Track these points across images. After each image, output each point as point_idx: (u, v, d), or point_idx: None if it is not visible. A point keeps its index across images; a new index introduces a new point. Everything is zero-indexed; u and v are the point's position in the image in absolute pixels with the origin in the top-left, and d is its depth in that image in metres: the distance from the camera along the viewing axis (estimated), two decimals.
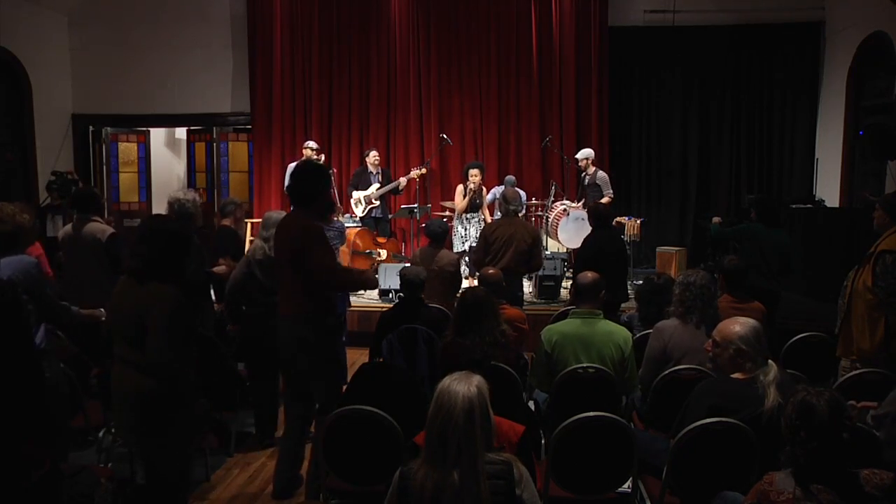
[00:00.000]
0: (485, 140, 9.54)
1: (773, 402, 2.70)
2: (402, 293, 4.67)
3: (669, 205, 9.51)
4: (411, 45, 9.51)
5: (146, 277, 2.84)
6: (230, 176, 10.30)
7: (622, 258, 5.77)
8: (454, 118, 9.51)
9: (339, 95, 9.66)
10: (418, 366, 4.10)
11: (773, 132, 9.30)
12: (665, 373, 3.51)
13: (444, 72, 9.49)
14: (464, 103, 9.50)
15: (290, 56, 9.68)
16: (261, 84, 9.73)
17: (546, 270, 7.19)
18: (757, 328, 2.91)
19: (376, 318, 4.72)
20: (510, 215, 5.82)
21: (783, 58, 9.11)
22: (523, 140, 9.47)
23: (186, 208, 4.58)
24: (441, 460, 2.06)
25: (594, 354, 3.61)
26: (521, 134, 9.48)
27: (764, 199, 5.78)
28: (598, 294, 3.79)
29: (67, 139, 9.92)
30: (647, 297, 4.40)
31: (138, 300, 2.82)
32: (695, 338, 3.60)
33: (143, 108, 9.96)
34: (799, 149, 9.20)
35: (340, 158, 9.72)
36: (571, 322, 3.75)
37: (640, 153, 9.56)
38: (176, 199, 4.58)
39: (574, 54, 9.25)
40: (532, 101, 9.38)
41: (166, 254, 2.88)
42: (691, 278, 3.70)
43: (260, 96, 9.76)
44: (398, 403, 3.09)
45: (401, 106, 9.58)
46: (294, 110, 9.76)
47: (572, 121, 9.33)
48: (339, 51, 9.63)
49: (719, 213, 8.13)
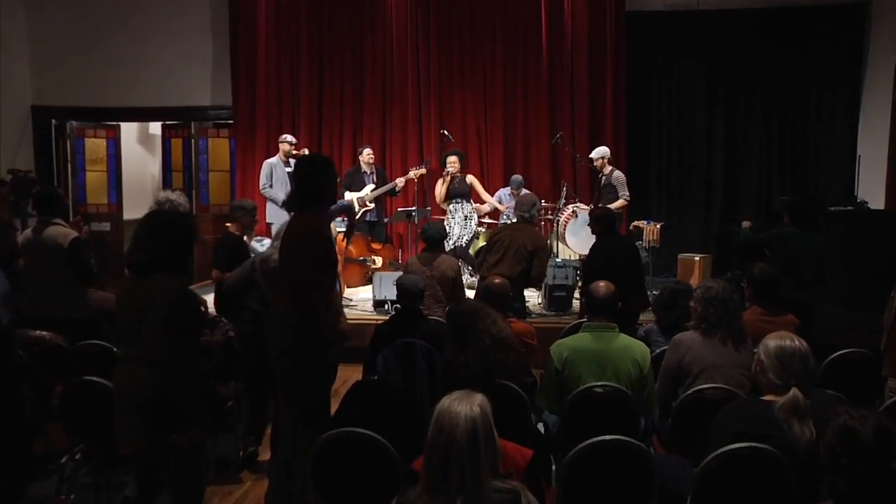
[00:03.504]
0: (489, 137, 9.56)
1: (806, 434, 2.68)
2: (398, 304, 4.68)
3: (692, 207, 9.51)
4: (409, 34, 9.54)
5: (150, 271, 2.95)
6: (210, 176, 10.33)
7: (635, 264, 5.78)
8: (456, 113, 9.54)
9: (331, 87, 9.69)
10: (417, 384, 4.11)
11: (808, 126, 9.29)
12: (688, 392, 3.51)
13: (445, 62, 9.52)
14: (466, 97, 9.53)
15: (275, 44, 9.71)
16: (244, 75, 9.77)
17: (556, 279, 7.20)
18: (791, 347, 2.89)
19: (370, 332, 4.74)
20: (518, 221, 5.90)
21: (821, 44, 9.07)
22: (532, 137, 9.49)
23: (179, 211, 4.62)
24: (443, 488, 2.05)
25: (609, 372, 3.61)
26: (529, 130, 9.50)
27: (798, 201, 5.79)
28: (613, 306, 3.81)
29: (27, 134, 9.94)
30: (666, 305, 4.42)
31: (141, 293, 2.93)
32: (720, 354, 3.61)
33: (112, 101, 9.98)
34: (838, 145, 9.19)
35: (331, 155, 9.70)
36: (584, 336, 3.75)
37: (660, 151, 9.57)
38: (168, 199, 4.59)
39: (587, 43, 9.27)
40: (541, 95, 9.40)
41: (173, 246, 2.99)
42: (712, 292, 3.71)
43: (243, 88, 9.79)
44: (395, 425, 3.10)
45: (398, 99, 9.61)
46: (280, 104, 9.79)
47: (585, 116, 9.34)
48: (331, 39, 9.67)
49: (748, 216, 8.13)
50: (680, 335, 3.78)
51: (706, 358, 3.62)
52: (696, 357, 3.63)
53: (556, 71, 9.40)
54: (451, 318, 3.65)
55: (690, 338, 3.71)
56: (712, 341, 3.65)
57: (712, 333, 3.66)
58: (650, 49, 9.38)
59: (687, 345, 3.68)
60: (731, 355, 3.61)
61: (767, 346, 2.90)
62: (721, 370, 3.56)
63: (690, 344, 3.68)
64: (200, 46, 9.92)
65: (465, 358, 3.48)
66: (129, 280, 3.04)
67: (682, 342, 3.71)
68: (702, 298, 3.73)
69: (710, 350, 3.64)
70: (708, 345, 3.65)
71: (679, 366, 3.67)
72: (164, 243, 2.97)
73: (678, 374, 3.68)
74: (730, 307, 3.68)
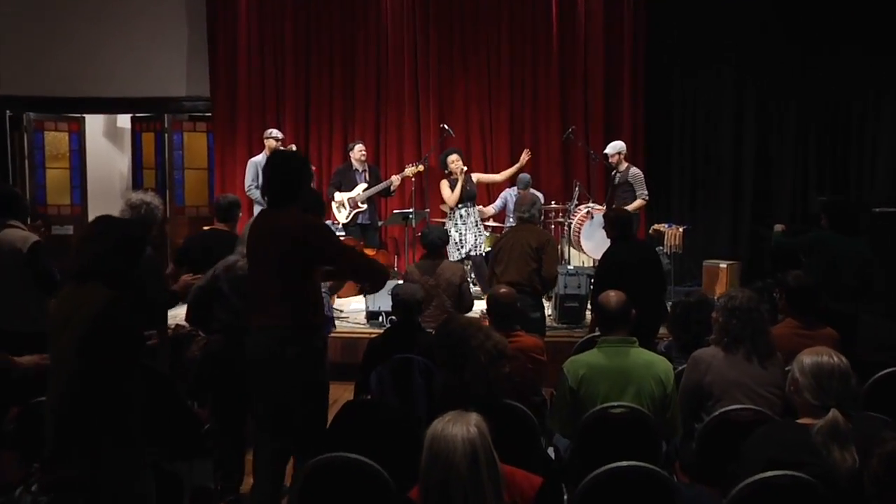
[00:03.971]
0: (494, 131, 9.60)
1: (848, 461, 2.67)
2: (394, 316, 4.67)
3: (719, 209, 9.50)
4: (406, 17, 9.57)
5: (86, 278, 2.93)
6: (185, 174, 10.35)
7: (653, 272, 5.76)
8: (457, 105, 9.57)
9: (319, 76, 9.73)
10: (414, 404, 4.11)
11: (850, 120, 9.27)
12: (715, 413, 3.53)
13: (445, 49, 9.55)
14: (469, 87, 9.56)
15: (258, 29, 9.75)
16: (223, 63, 9.81)
17: (568, 288, 7.21)
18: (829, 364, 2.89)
19: (363, 347, 4.74)
20: (520, 223, 5.95)
21: (864, 27, 9.07)
22: (541, 131, 9.52)
23: (156, 214, 4.65)
24: None
25: (630, 391, 3.61)
26: (537, 123, 9.53)
27: (838, 202, 5.80)
28: (628, 316, 3.82)
29: None
30: (682, 321, 4.43)
31: (70, 302, 2.92)
32: (744, 371, 3.62)
33: (76, 90, 10.00)
34: (884, 140, 9.15)
35: (320, 153, 9.78)
36: (601, 352, 3.75)
37: (683, 146, 9.55)
38: (143, 201, 4.60)
39: (603, 27, 9.31)
40: (551, 85, 9.43)
41: (116, 254, 2.97)
42: (735, 302, 3.72)
43: (222, 77, 9.83)
44: (389, 450, 3.11)
45: (393, 90, 9.64)
46: (264, 95, 9.83)
47: (600, 108, 9.37)
48: (318, 23, 9.71)
49: (782, 218, 8.13)
50: (699, 352, 3.79)
51: (729, 376, 3.63)
52: (719, 375, 3.64)
53: (568, 58, 9.43)
54: (439, 342, 3.66)
55: (711, 354, 3.72)
56: (735, 357, 3.66)
57: (735, 348, 3.67)
58: (672, 35, 9.38)
59: (707, 362, 3.70)
60: (757, 373, 3.63)
61: (803, 363, 2.91)
62: (746, 389, 3.57)
63: (711, 361, 3.69)
64: (175, 31, 9.96)
65: (463, 380, 3.49)
66: (65, 288, 3.04)
67: (702, 359, 3.72)
68: (724, 308, 3.75)
69: (734, 367, 3.65)
70: (731, 361, 3.66)
71: (699, 385, 3.68)
72: (106, 250, 2.96)
73: (699, 394, 3.69)
74: (754, 318, 3.69)
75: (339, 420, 3.54)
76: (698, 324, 4.29)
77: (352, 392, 4.65)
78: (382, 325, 6.90)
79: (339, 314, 7.47)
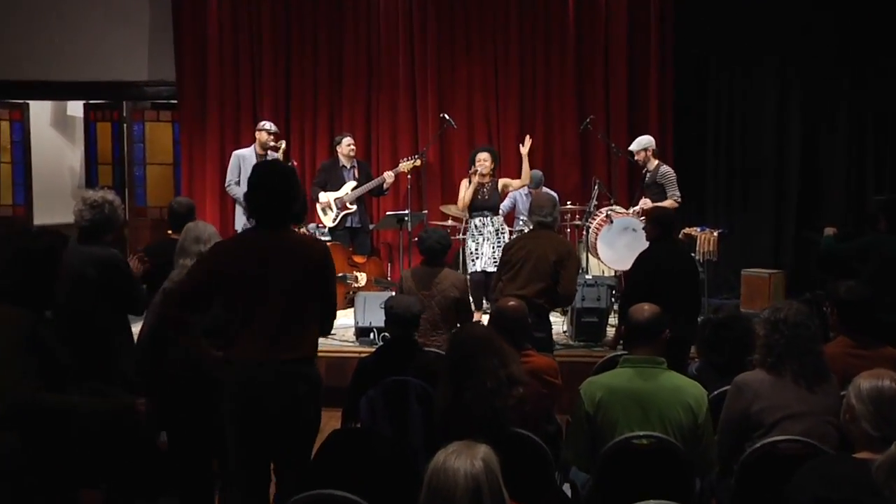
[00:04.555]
0: (501, 122, 9.61)
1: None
2: (387, 333, 4.66)
3: (759, 211, 9.51)
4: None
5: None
6: (148, 170, 10.35)
7: (691, 281, 5.78)
8: (459, 92, 9.58)
9: (301, 60, 9.73)
10: (410, 433, 4.10)
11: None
12: (756, 445, 3.51)
13: (445, 28, 9.55)
14: (472, 72, 9.56)
15: (230, 4, 9.74)
16: (190, 43, 9.80)
17: (586, 301, 7.18)
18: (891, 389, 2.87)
19: (352, 368, 4.73)
20: (535, 227, 5.88)
21: None
22: (555, 122, 9.52)
23: (117, 215, 4.67)
24: None
25: (655, 418, 3.59)
26: (551, 114, 9.54)
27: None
28: (660, 334, 3.80)
29: None
30: (710, 342, 4.41)
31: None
32: (798, 398, 3.60)
33: (18, 72, 9.97)
34: None
35: (302, 147, 9.78)
36: (622, 373, 3.74)
37: (719, 141, 9.57)
38: (105, 199, 4.62)
39: (626, 4, 9.32)
40: (567, 69, 9.42)
41: (26, 275, 3.14)
42: (780, 314, 3.70)
43: (189, 60, 9.82)
44: (381, 486, 3.11)
45: (386, 75, 9.64)
46: (238, 79, 9.82)
47: (623, 97, 9.38)
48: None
49: (833, 221, 8.13)
50: (743, 376, 3.75)
51: (782, 404, 3.59)
52: (769, 404, 3.60)
53: (587, 39, 9.43)
54: (451, 348, 3.67)
55: (757, 379, 3.69)
56: (784, 381, 3.64)
57: (782, 370, 3.66)
58: (707, 13, 9.39)
59: (754, 389, 3.66)
60: (808, 398, 3.60)
61: (860, 389, 2.89)
62: (804, 420, 3.54)
63: (758, 388, 3.66)
64: (135, 7, 9.96)
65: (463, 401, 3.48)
66: None
67: (747, 385, 3.69)
68: (766, 322, 3.73)
69: (787, 394, 3.61)
70: (781, 387, 3.63)
71: (745, 415, 3.65)
72: (15, 270, 3.16)
73: (745, 425, 3.66)
74: (801, 335, 3.65)
75: (325, 452, 3.52)
76: (730, 344, 4.27)
77: (338, 420, 4.61)
78: (374, 342, 6.84)
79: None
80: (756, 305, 7.70)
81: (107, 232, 4.65)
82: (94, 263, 4.48)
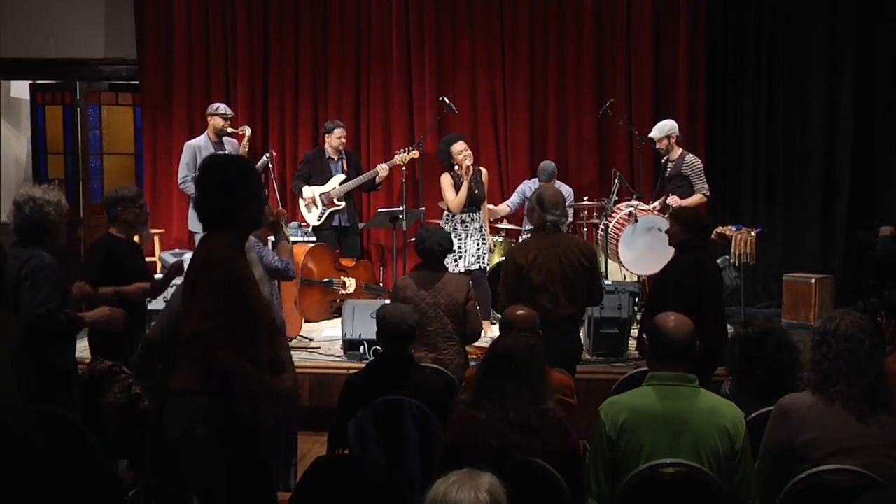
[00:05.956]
0: (508, 107, 9.63)
1: None
2: (379, 346, 4.64)
3: (804, 208, 9.51)
4: None
5: None
6: (105, 160, 10.35)
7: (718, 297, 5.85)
8: (461, 73, 9.59)
9: (281, 37, 9.74)
10: (404, 461, 4.12)
11: None
12: (801, 476, 3.45)
13: (445, 3, 9.55)
14: (476, 51, 9.57)
15: None
16: (152, 17, 9.82)
17: (605, 311, 7.16)
18: None
19: (339, 386, 4.71)
20: (548, 230, 5.75)
21: None
22: (569, 107, 9.55)
23: (47, 215, 4.60)
24: None
25: (686, 444, 3.57)
26: (565, 98, 9.55)
27: None
28: (692, 351, 3.77)
29: None
30: (739, 361, 4.36)
31: None
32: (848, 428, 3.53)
33: None
34: None
35: (283, 135, 9.81)
36: (648, 392, 3.73)
37: (757, 129, 9.56)
38: (30, 197, 4.60)
39: None
40: (584, 49, 9.44)
41: None
42: (831, 324, 3.64)
43: (151, 35, 9.83)
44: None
45: (377, 54, 9.66)
46: (209, 58, 9.84)
47: (648, 76, 9.41)
48: None
49: (890, 219, 8.11)
50: (789, 399, 3.69)
51: (833, 437, 3.52)
52: (820, 434, 3.52)
53: (606, 10, 9.44)
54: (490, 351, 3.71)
55: (806, 404, 3.61)
56: (835, 406, 3.57)
57: (831, 392, 3.59)
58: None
59: (801, 415, 3.59)
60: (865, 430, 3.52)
61: None
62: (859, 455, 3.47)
63: (806, 414, 3.58)
64: None
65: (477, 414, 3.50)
66: None
67: (793, 410, 3.62)
68: (815, 333, 3.69)
69: (839, 423, 3.54)
70: (833, 414, 3.56)
71: (791, 444, 3.58)
72: None
73: (789, 456, 3.60)
74: (852, 350, 3.59)
75: (308, 481, 3.52)
76: (762, 364, 4.22)
77: (323, 446, 4.63)
78: (364, 357, 6.88)
79: (306, 343, 7.57)
80: (799, 315, 7.73)
81: (41, 234, 4.60)
82: (21, 267, 4.47)
